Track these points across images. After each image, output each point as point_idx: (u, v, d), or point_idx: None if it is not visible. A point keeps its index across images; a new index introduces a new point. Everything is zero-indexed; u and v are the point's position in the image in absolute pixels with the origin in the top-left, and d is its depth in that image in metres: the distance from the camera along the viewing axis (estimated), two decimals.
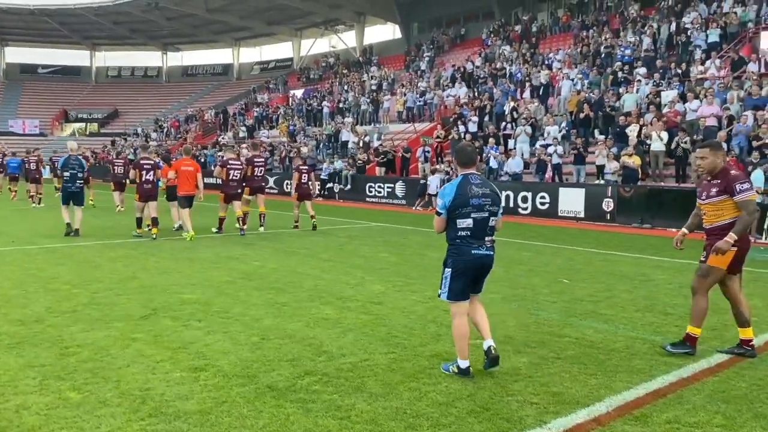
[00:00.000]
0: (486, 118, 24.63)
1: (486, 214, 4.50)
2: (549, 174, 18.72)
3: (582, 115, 20.60)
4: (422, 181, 20.84)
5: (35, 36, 57.94)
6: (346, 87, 39.41)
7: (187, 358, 4.77)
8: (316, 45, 55.21)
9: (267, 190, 24.97)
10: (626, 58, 24.66)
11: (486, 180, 4.72)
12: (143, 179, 12.06)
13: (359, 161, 24.72)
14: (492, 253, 4.60)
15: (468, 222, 4.46)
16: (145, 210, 12.18)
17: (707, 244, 5.09)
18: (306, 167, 14.74)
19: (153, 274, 8.25)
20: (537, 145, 20.32)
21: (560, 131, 20.21)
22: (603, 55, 26.26)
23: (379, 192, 23.27)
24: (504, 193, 18.84)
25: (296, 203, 14.26)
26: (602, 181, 17.28)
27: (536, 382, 4.37)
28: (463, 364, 4.47)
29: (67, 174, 12.30)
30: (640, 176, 16.63)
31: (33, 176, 20.94)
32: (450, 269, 4.54)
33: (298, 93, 42.27)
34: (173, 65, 63.37)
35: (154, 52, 62.92)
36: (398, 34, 48.43)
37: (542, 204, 17.85)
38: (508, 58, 30.83)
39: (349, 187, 24.36)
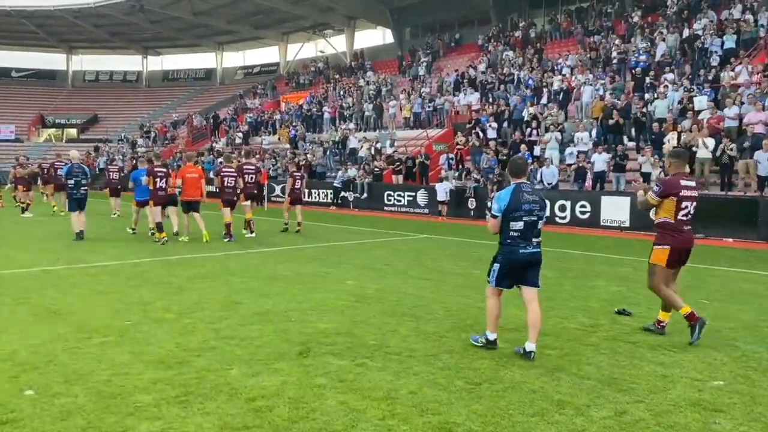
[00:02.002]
0: (505, 125, 24.14)
1: (535, 218, 5.19)
2: (589, 182, 18.19)
3: (611, 122, 20.19)
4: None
5: (9, 38, 55.64)
6: (341, 92, 38.62)
7: (409, 411, 3.95)
8: (303, 50, 54.30)
9: (274, 199, 24.39)
10: (641, 64, 24.44)
11: (534, 188, 5.42)
12: (157, 186, 12.61)
13: (376, 169, 23.92)
14: (539, 250, 5.27)
15: (520, 224, 5.15)
16: (152, 215, 12.72)
17: None
18: (299, 173, 15.53)
19: (251, 296, 7.35)
20: (569, 152, 19.82)
21: (591, 138, 19.77)
22: (616, 61, 26.06)
23: (399, 200, 22.50)
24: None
25: (288, 207, 14.97)
26: None
27: None
28: (492, 336, 5.34)
29: (71, 181, 12.79)
30: None
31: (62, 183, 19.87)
32: (498, 265, 5.28)
33: (299, 99, 41.18)
34: (153, 69, 61.62)
35: (133, 56, 61.08)
36: (389, 39, 47.83)
37: (583, 213, 17.33)
38: (514, 63, 30.44)
39: (365, 195, 23.53)
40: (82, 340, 5.44)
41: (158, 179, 12.64)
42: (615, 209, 16.72)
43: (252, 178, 14.08)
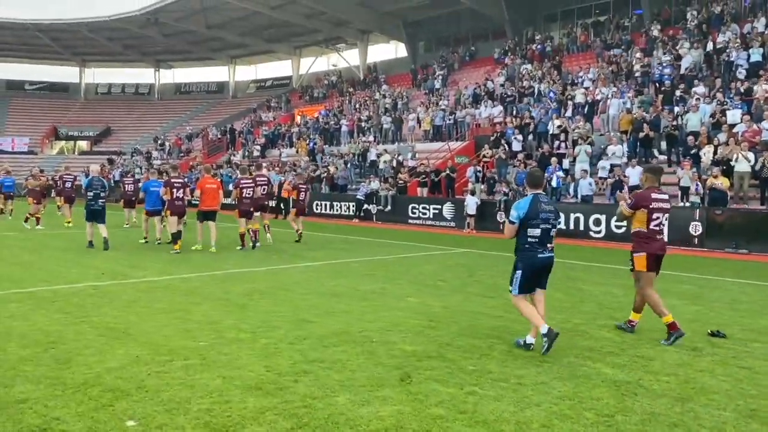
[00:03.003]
0: (530, 137, 23.90)
1: (550, 226, 5.68)
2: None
3: (642, 135, 19.90)
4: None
5: (23, 51, 55.84)
6: (357, 105, 38.48)
7: None
8: (316, 63, 54.31)
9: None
10: (666, 77, 24.22)
11: (550, 199, 5.69)
12: (174, 197, 13.05)
13: (400, 181, 23.64)
14: (553, 254, 5.76)
15: (537, 231, 5.61)
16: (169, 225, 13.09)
17: None
18: (304, 186, 16.39)
19: (318, 314, 7.02)
20: (601, 165, 19.53)
21: (624, 152, 19.50)
22: (639, 74, 25.84)
23: (424, 213, 22.19)
24: (573, 216, 18.02)
25: (294, 218, 15.58)
26: (687, 204, 16.50)
27: None
28: (544, 329, 5.52)
29: (90, 194, 13.34)
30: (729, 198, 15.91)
31: (68, 195, 20.25)
32: (521, 271, 5.67)
33: (313, 112, 41.09)
34: (166, 82, 61.70)
35: (145, 69, 61.22)
36: (402, 53, 47.79)
37: (618, 227, 16.97)
38: (533, 76, 30.26)
39: (389, 208, 23.24)
40: (164, 363, 5.13)
41: (175, 190, 13.11)
42: None
43: (264, 189, 14.54)
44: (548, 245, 5.67)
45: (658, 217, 6.35)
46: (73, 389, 4.48)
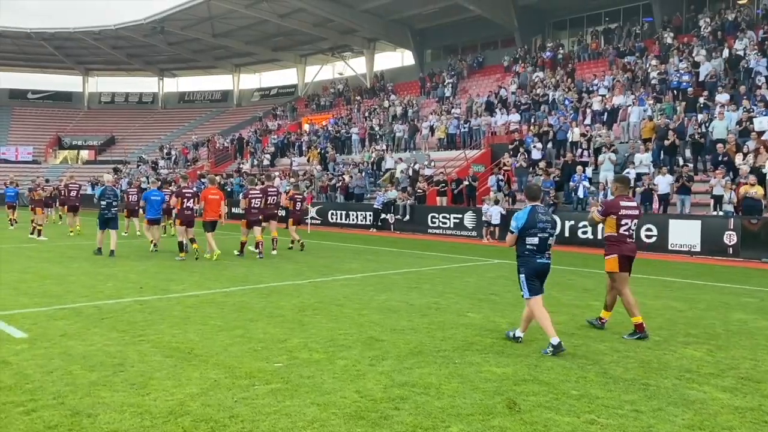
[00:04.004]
0: (549, 145, 23.65)
1: (547, 235, 6.13)
2: (656, 204, 17.59)
3: (667, 142, 19.66)
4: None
5: (26, 60, 55.61)
6: (367, 113, 38.23)
7: None
8: (321, 72, 54.14)
9: (306, 221, 24.08)
10: (684, 84, 24.02)
11: (547, 210, 6.44)
12: (184, 206, 13.28)
13: (419, 190, 23.34)
14: (550, 261, 6.23)
15: (535, 240, 6.07)
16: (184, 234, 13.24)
17: None
18: (300, 196, 16.75)
19: (384, 331, 6.67)
20: (626, 174, 19.24)
21: (651, 159, 19.25)
22: (656, 82, 25.63)
23: (444, 223, 21.87)
24: (601, 226, 17.62)
25: (293, 227, 15.98)
26: (721, 213, 16.22)
27: None
28: (555, 341, 5.83)
29: (104, 202, 13.88)
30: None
31: (72, 204, 20.43)
32: (524, 275, 6.15)
33: (321, 121, 40.88)
34: (169, 91, 61.48)
35: (149, 77, 61.00)
36: (408, 61, 47.62)
37: (648, 237, 16.69)
38: (547, 84, 30.06)
39: (407, 217, 22.92)
40: (246, 388, 4.79)
41: (185, 199, 13.34)
42: (684, 233, 16.09)
43: (274, 200, 14.98)
44: (546, 252, 6.13)
45: (626, 223, 6.83)
46: (162, 419, 4.15)
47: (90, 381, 4.91)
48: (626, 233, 6.84)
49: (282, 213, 17.42)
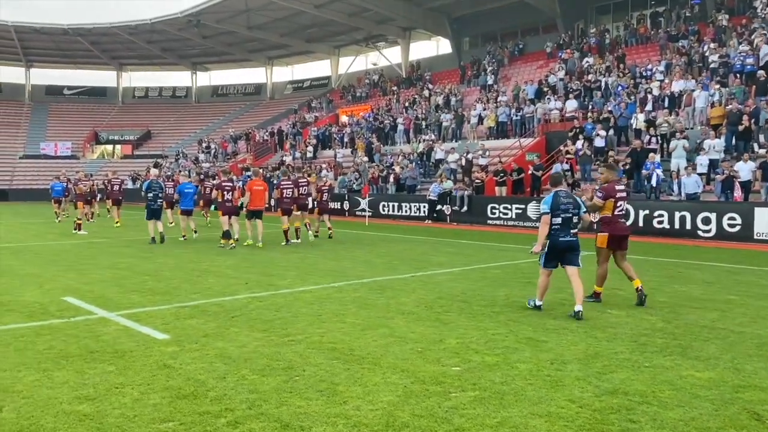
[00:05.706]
0: (611, 132, 22.94)
1: (569, 215, 6.95)
2: (739, 192, 16.87)
3: (741, 128, 18.90)
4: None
5: (61, 57, 55.98)
6: (406, 104, 37.70)
7: None
8: (355, 63, 53.62)
9: (358, 213, 23.80)
10: (748, 67, 23.12)
11: (569, 193, 7.26)
12: (224, 198, 14.13)
13: (477, 180, 22.83)
14: (576, 239, 7.02)
15: (558, 220, 6.91)
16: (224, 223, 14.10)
17: None
18: (326, 187, 16.95)
19: (549, 333, 6.26)
20: (699, 161, 18.54)
21: (723, 145, 18.51)
22: (717, 65, 24.72)
23: (505, 214, 21.34)
24: (679, 214, 17.00)
25: (318, 217, 16.71)
26: None
27: None
28: (539, 302, 7.21)
29: (150, 195, 15.10)
30: None
31: (116, 197, 21.79)
32: (546, 249, 7.01)
33: (359, 112, 40.50)
34: (202, 85, 61.52)
35: (182, 72, 61.08)
36: (444, 50, 46.93)
37: (731, 226, 16.01)
38: (598, 70, 29.25)
39: (465, 208, 22.44)
40: (447, 396, 4.39)
41: (226, 192, 14.18)
42: None
43: (305, 190, 15.55)
44: (570, 230, 6.95)
45: (620, 205, 7.67)
46: (380, 430, 3.77)
47: (272, 387, 4.55)
48: (619, 213, 7.66)
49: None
